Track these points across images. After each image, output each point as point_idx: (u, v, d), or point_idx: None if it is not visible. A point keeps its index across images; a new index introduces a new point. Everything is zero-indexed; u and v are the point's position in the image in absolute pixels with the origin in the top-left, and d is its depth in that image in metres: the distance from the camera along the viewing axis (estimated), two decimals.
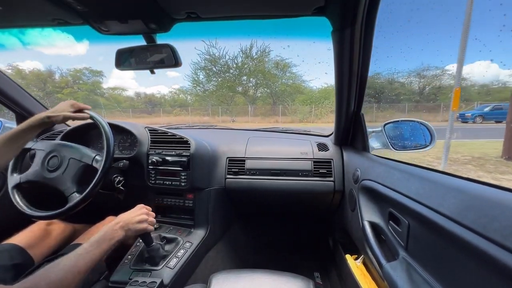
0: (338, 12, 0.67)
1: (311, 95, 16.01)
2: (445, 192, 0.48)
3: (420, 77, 11.95)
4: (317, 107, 14.70)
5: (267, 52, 16.10)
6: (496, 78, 6.20)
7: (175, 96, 21.10)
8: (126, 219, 0.75)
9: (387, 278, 0.58)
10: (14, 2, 0.68)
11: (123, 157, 1.09)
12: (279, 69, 16.68)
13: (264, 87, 17.84)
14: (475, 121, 5.00)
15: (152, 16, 0.69)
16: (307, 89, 16.91)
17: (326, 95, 15.03)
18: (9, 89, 1.16)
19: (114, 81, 30.22)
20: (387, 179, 0.71)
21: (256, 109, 16.84)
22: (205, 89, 18.22)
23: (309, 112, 14.70)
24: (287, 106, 15.68)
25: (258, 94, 18.14)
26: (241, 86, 17.99)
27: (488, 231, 0.36)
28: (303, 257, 1.55)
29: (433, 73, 11.71)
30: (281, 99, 16.71)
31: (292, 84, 16.94)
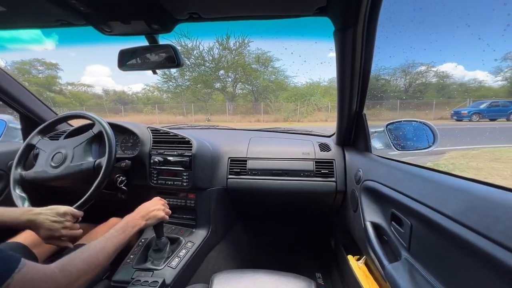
0: (340, 12, 0.67)
1: (296, 91, 14.79)
2: (448, 193, 0.48)
3: (405, 74, 11.85)
4: (302, 104, 13.65)
5: (246, 43, 14.13)
6: (462, 79, 7.51)
7: (148, 94, 18.18)
8: (146, 209, 0.82)
9: (389, 279, 0.58)
10: (18, 4, 0.68)
11: (125, 157, 1.09)
12: (260, 64, 15.11)
13: (244, 83, 16.14)
14: (472, 119, 4.63)
15: (155, 16, 0.69)
16: (291, 85, 15.69)
17: (311, 92, 14.19)
18: (13, 89, 1.18)
19: (88, 78, 26.48)
20: (390, 180, 0.71)
21: (236, 107, 15.41)
22: (178, 85, 16.03)
23: (294, 110, 13.61)
24: (269, 103, 14.42)
25: (238, 91, 16.46)
26: (219, 81, 16.22)
27: (492, 232, 0.35)
28: (304, 257, 1.55)
29: (418, 70, 11.49)
30: (263, 96, 15.34)
31: (275, 80, 15.57)
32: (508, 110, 4.22)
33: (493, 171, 2.01)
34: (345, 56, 0.79)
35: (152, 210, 0.83)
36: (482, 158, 2.65)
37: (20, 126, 1.33)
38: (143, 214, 0.80)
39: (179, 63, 0.79)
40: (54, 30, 11.94)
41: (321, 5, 0.63)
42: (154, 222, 0.84)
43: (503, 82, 5.88)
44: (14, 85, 1.18)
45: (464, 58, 5.64)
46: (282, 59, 17.49)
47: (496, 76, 5.76)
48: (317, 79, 19.11)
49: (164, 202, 0.91)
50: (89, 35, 0.83)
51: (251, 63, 15.16)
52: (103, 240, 0.65)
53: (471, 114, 4.74)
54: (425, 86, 11.73)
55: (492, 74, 6.10)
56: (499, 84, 5.76)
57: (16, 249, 0.83)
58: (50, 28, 0.81)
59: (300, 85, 15.78)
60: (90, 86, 19.59)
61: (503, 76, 5.80)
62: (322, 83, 15.35)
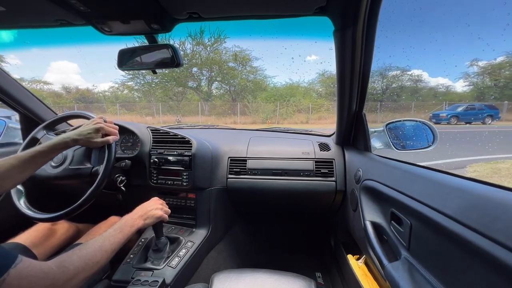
0: (340, 11, 0.67)
1: (276, 92, 14.28)
2: (447, 192, 0.48)
3: (382, 77, 12.71)
4: (282, 105, 13.14)
5: (222, 39, 13.09)
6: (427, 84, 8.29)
7: (117, 92, 16.05)
8: (144, 209, 0.82)
9: (389, 278, 0.58)
10: (17, 3, 0.68)
11: (125, 157, 1.09)
12: (238, 62, 14.21)
13: (221, 82, 15.19)
14: (450, 122, 4.78)
15: (154, 16, 0.69)
16: (270, 85, 14.99)
17: (291, 92, 13.84)
18: (12, 89, 1.17)
19: (52, 76, 22.76)
20: (389, 179, 0.71)
21: (213, 107, 14.38)
22: (147, 82, 14.41)
23: (274, 111, 13.03)
24: (247, 104, 13.59)
25: (214, 90, 15.39)
26: (193, 79, 14.95)
27: (491, 231, 0.36)
28: (304, 257, 1.55)
29: (393, 73, 12.56)
30: (241, 96, 14.42)
31: (253, 80, 14.73)
32: (483, 113, 4.46)
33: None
34: (345, 56, 0.79)
35: (150, 209, 0.83)
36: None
37: (19, 126, 1.33)
38: (142, 213, 0.80)
39: (178, 63, 0.79)
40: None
41: (321, 5, 0.64)
42: (153, 222, 0.83)
43: (470, 86, 6.22)
44: (13, 85, 1.18)
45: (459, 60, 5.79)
46: (261, 58, 16.85)
47: (464, 81, 6.10)
48: (297, 79, 18.75)
49: (162, 202, 0.91)
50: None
51: (227, 61, 14.32)
52: (101, 239, 0.65)
53: (449, 117, 4.89)
54: (401, 89, 12.61)
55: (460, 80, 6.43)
56: (466, 89, 6.10)
57: (15, 249, 0.83)
58: (49, 28, 0.81)
59: (280, 86, 15.32)
60: (47, 84, 17.54)
61: (470, 81, 6.11)
62: (302, 84, 15.03)
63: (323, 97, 14.50)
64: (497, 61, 5.56)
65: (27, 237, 0.90)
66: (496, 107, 4.63)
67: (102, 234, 0.67)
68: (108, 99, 16.24)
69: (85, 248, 0.60)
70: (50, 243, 0.94)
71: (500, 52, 5.52)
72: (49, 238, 0.95)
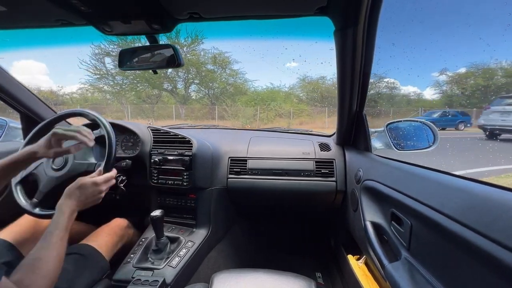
0: (341, 11, 0.67)
1: (256, 96, 13.48)
2: (447, 192, 0.48)
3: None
4: (262, 109, 12.39)
5: (200, 39, 12.11)
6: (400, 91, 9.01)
7: (87, 94, 14.43)
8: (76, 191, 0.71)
9: (389, 278, 0.58)
10: (18, 3, 0.68)
11: (125, 156, 1.10)
12: (217, 65, 13.38)
13: (199, 85, 14.26)
14: None
15: (155, 16, 0.69)
16: (251, 89, 14.08)
17: (272, 96, 13.32)
18: (13, 89, 1.18)
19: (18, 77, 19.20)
20: (390, 179, 0.71)
21: (192, 111, 13.52)
22: (117, 83, 13.04)
23: (254, 116, 12.38)
24: (226, 108, 12.90)
25: (192, 93, 14.34)
26: (168, 81, 13.78)
27: (491, 231, 0.36)
28: (305, 257, 1.55)
29: (371, 80, 13.52)
30: (220, 100, 13.74)
31: (233, 83, 13.97)
32: (456, 119, 4.80)
33: None
34: (346, 56, 0.79)
35: (85, 192, 0.72)
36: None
37: (20, 126, 1.34)
38: (75, 196, 0.70)
39: (179, 63, 0.79)
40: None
41: (322, 5, 0.63)
42: (94, 200, 0.74)
43: (440, 94, 6.74)
44: (14, 85, 1.18)
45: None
46: (241, 62, 15.60)
47: (435, 89, 6.58)
48: (277, 84, 17.96)
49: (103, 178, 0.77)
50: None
51: (205, 63, 13.31)
52: (54, 247, 0.60)
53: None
54: (379, 96, 12.37)
55: (431, 88, 6.81)
56: (436, 96, 6.75)
57: (1, 246, 0.81)
58: (50, 28, 0.81)
59: (261, 90, 14.57)
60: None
61: (440, 89, 6.39)
62: (283, 88, 14.58)
63: (304, 102, 14.33)
64: (463, 71, 6.08)
65: (9, 233, 0.86)
66: (468, 114, 5.10)
67: (50, 240, 0.61)
68: (77, 102, 14.36)
69: (45, 265, 0.56)
70: (37, 240, 0.92)
71: (465, 63, 5.99)
72: (36, 235, 0.91)
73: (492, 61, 5.66)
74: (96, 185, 0.74)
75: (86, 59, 12.16)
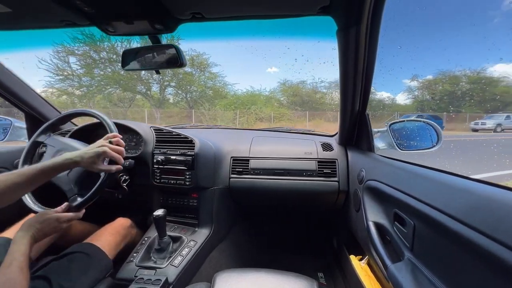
0: (343, 11, 0.67)
1: (236, 99, 13.58)
2: (451, 193, 0.48)
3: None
4: (242, 113, 12.41)
5: (175, 39, 11.17)
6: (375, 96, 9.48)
7: (52, 98, 12.06)
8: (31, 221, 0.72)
9: (392, 279, 0.58)
10: (24, 5, 0.69)
11: (129, 156, 1.10)
12: (195, 67, 12.95)
13: (177, 88, 13.81)
14: None
15: (158, 17, 0.69)
16: (230, 93, 14.16)
17: (253, 100, 13.17)
18: (18, 89, 1.19)
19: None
20: (393, 180, 0.70)
21: (170, 115, 12.98)
22: (81, 84, 11.93)
23: (233, 120, 12.32)
24: (204, 111, 12.61)
25: (169, 96, 13.93)
26: (142, 84, 12.97)
27: (496, 232, 0.35)
28: (307, 257, 1.55)
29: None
30: (199, 103, 13.47)
31: (212, 86, 13.78)
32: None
33: None
34: (348, 56, 0.78)
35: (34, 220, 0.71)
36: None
37: (25, 126, 1.35)
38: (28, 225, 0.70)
39: (182, 63, 0.79)
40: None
41: (324, 5, 0.63)
42: (51, 234, 0.73)
43: (412, 99, 7.44)
44: (19, 85, 1.19)
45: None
46: (221, 65, 15.79)
47: (407, 94, 6.99)
48: (258, 87, 18.16)
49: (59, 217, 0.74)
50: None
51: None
52: (16, 265, 0.60)
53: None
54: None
55: (403, 93, 7.61)
56: (409, 101, 7.36)
57: (5, 245, 0.81)
58: (55, 28, 0.82)
59: (241, 93, 14.49)
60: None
61: (412, 94, 7.18)
62: (263, 92, 14.54)
63: (285, 106, 14.28)
64: (431, 77, 6.62)
65: (15, 232, 0.88)
66: (440, 117, 5.19)
67: (9, 274, 0.59)
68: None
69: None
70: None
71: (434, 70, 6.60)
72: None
73: (457, 68, 6.42)
74: (59, 222, 0.74)
75: (46, 57, 10.80)
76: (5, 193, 0.65)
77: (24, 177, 0.68)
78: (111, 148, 0.78)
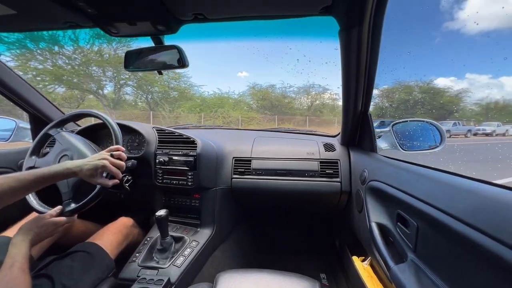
0: (346, 11, 0.66)
1: (202, 101, 13.10)
2: (455, 193, 0.47)
3: (307, 94, 14.75)
4: (209, 116, 11.92)
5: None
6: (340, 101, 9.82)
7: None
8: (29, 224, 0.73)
9: (395, 280, 0.57)
10: (28, 7, 0.70)
11: (131, 156, 1.11)
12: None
13: (137, 88, 12.50)
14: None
15: (160, 18, 0.70)
16: (196, 95, 13.60)
17: (220, 103, 12.75)
18: (22, 90, 1.20)
19: None
20: (395, 180, 0.70)
21: (124, 117, 11.63)
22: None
23: (198, 123, 11.42)
24: (163, 113, 11.87)
25: (126, 96, 12.55)
26: (92, 80, 11.50)
27: (500, 233, 0.35)
28: (309, 258, 1.54)
29: (316, 91, 14.54)
30: (160, 105, 12.62)
31: (176, 87, 12.95)
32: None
33: None
34: (351, 56, 0.78)
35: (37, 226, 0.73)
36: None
37: (29, 126, 1.36)
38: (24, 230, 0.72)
39: (184, 64, 0.80)
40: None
41: (326, 5, 0.63)
42: (47, 237, 0.75)
43: (373, 106, 8.35)
44: (23, 86, 1.20)
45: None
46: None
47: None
48: (226, 90, 17.89)
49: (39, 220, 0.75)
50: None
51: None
52: (17, 267, 0.61)
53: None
54: (323, 106, 14.66)
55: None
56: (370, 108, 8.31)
57: (7, 244, 0.82)
58: (59, 30, 0.83)
59: (207, 95, 14.04)
60: None
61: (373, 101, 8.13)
62: (232, 95, 14.22)
63: (254, 110, 14.05)
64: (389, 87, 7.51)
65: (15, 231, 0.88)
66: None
67: (10, 276, 0.60)
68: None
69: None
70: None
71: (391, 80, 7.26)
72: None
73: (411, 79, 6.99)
74: (55, 225, 0.76)
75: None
76: (1, 198, 0.65)
77: (21, 182, 0.67)
78: (111, 162, 0.78)
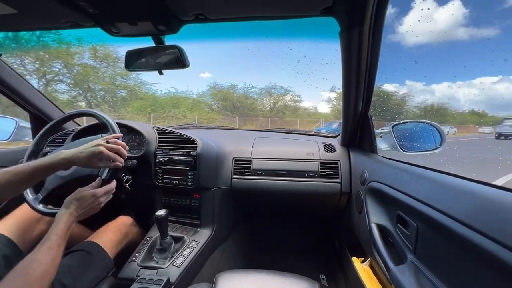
0: (346, 12, 0.66)
1: (153, 101, 12.05)
2: (455, 195, 0.47)
3: (270, 95, 14.89)
4: (162, 117, 10.90)
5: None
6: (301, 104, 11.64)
7: None
8: (78, 203, 0.72)
9: (394, 281, 0.57)
10: (29, 6, 0.70)
11: (131, 156, 1.11)
12: (99, 59, 10.75)
13: (73, 85, 10.97)
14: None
15: (161, 17, 0.70)
16: (148, 94, 12.43)
17: (175, 103, 11.83)
18: (23, 89, 1.20)
19: None
20: (396, 181, 0.70)
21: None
22: None
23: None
24: (110, 110, 10.58)
25: (57, 94, 10.85)
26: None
27: (501, 235, 0.35)
28: (308, 258, 1.54)
29: (279, 93, 14.63)
30: (102, 105, 11.45)
31: (123, 84, 11.63)
32: None
33: None
34: (351, 56, 0.78)
35: (86, 205, 0.72)
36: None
37: (29, 125, 1.37)
38: (76, 207, 0.71)
39: (185, 64, 0.80)
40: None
41: (327, 5, 0.63)
42: (92, 211, 0.75)
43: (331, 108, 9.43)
44: (24, 85, 1.21)
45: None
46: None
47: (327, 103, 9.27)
48: (183, 89, 16.81)
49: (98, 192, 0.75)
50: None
51: (73, 54, 9.72)
52: (50, 252, 0.61)
53: (328, 132, 6.39)
54: (286, 107, 14.86)
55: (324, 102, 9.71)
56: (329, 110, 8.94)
57: (1, 240, 0.81)
58: (60, 29, 0.83)
59: (161, 95, 12.96)
60: None
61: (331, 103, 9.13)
62: (190, 95, 13.52)
63: (215, 111, 13.47)
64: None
65: (8, 225, 0.87)
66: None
67: (46, 246, 0.61)
68: None
69: (39, 267, 0.57)
70: (34, 233, 0.92)
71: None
72: (33, 228, 0.92)
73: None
74: (95, 197, 0.74)
75: None
76: (0, 192, 0.65)
77: (18, 176, 0.67)
78: (107, 147, 0.76)
